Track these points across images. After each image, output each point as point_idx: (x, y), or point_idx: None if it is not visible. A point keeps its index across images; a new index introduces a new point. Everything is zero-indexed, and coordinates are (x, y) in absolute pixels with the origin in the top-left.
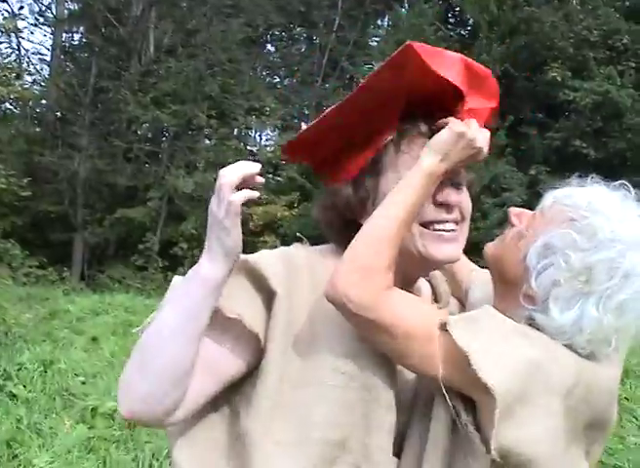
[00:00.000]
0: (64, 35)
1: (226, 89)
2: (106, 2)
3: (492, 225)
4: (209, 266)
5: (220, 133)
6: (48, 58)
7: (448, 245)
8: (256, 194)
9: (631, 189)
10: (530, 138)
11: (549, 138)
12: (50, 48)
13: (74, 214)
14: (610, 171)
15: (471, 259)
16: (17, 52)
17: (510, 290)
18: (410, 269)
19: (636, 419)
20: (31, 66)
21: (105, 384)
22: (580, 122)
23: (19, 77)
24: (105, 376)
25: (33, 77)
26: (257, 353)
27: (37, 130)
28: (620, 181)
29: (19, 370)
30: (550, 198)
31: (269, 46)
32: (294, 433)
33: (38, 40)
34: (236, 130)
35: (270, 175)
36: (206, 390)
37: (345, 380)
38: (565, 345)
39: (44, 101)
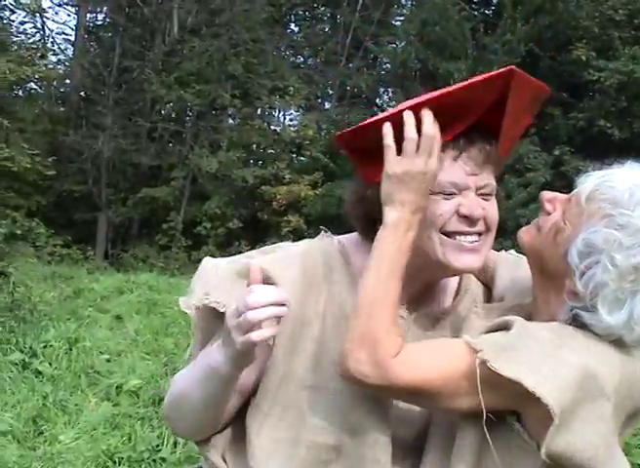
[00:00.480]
0: (88, 15)
1: (250, 68)
2: None
3: (515, 205)
4: (221, 363)
5: (244, 112)
6: (72, 38)
7: (468, 255)
8: (274, 333)
9: None
10: (554, 119)
11: (574, 119)
12: (74, 28)
13: (98, 194)
14: (634, 151)
15: (495, 238)
16: (41, 32)
17: (552, 282)
18: (431, 273)
19: None
20: (55, 46)
21: (130, 362)
22: (605, 102)
23: (43, 57)
24: (130, 355)
25: (57, 57)
26: (268, 357)
27: (61, 109)
28: None
29: (44, 347)
30: (588, 186)
31: (293, 25)
32: (290, 432)
33: (62, 20)
34: (260, 109)
35: (294, 155)
36: (236, 406)
37: (346, 386)
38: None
39: (68, 81)
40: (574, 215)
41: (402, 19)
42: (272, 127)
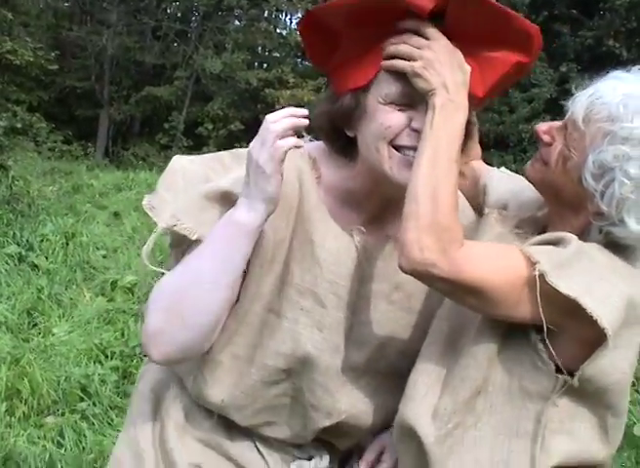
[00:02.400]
0: None
1: None
2: None
3: (519, 119)
4: (247, 215)
5: (251, 14)
6: None
7: None
8: (302, 143)
9: None
10: (562, 35)
11: (582, 36)
12: None
13: (100, 91)
14: None
15: (497, 153)
16: None
17: (572, 208)
18: (383, 189)
19: None
20: None
21: (126, 259)
22: (615, 21)
23: None
24: (126, 251)
25: None
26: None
27: (66, 4)
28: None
29: (41, 241)
30: (580, 108)
31: None
32: (248, 351)
33: None
34: (266, 12)
35: (299, 59)
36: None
37: (302, 315)
38: None
39: None
40: (576, 141)
41: None
42: (278, 30)
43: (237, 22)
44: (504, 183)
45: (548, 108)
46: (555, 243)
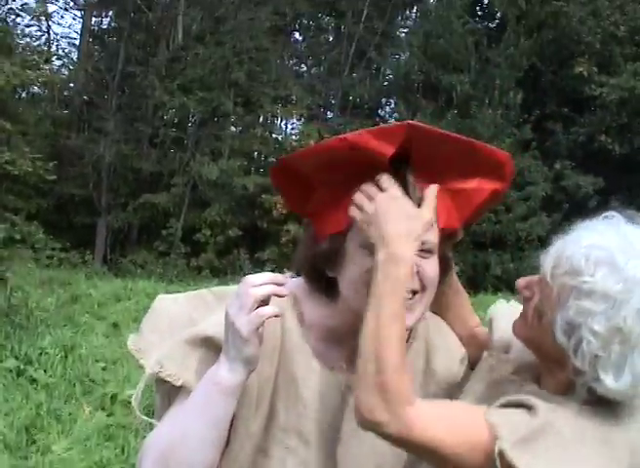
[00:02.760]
0: (94, 19)
1: (253, 77)
2: None
3: (516, 218)
4: (228, 376)
5: (246, 120)
6: (77, 42)
7: None
8: (280, 314)
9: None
10: (555, 133)
11: (574, 133)
12: (79, 32)
13: (98, 198)
14: (635, 166)
15: (494, 252)
16: (46, 35)
17: (558, 366)
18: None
19: None
20: (60, 50)
21: (126, 371)
22: (606, 117)
23: (47, 61)
24: (126, 363)
25: (62, 60)
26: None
27: (64, 113)
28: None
29: (40, 354)
30: (549, 263)
31: (297, 34)
32: None
33: (67, 24)
34: (262, 118)
35: None
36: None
37: (288, 454)
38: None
39: (72, 85)
40: (547, 296)
41: (406, 30)
42: (274, 135)
43: (233, 129)
44: (510, 319)
45: (544, 206)
46: (525, 407)
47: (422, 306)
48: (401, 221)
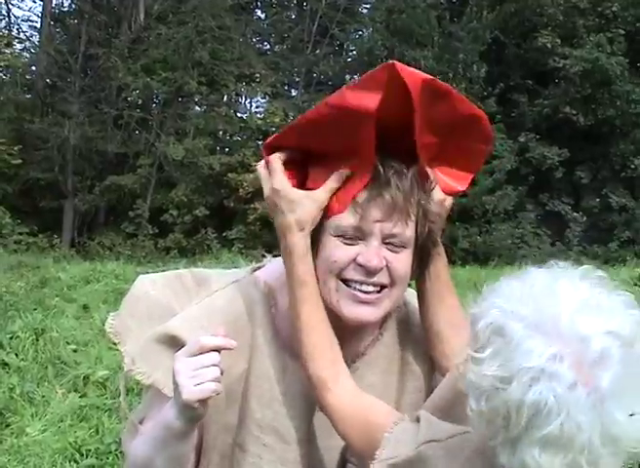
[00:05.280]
0: (54, 2)
1: (216, 56)
2: None
3: (482, 191)
4: (177, 423)
5: (210, 99)
6: (38, 26)
7: (362, 307)
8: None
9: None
10: (520, 106)
11: (539, 106)
12: (40, 15)
13: (64, 182)
14: (598, 137)
15: (462, 226)
16: (6, 19)
17: None
18: (332, 318)
19: None
20: (21, 33)
21: (97, 353)
22: (570, 89)
23: (9, 45)
24: (97, 345)
25: (23, 44)
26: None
27: (27, 97)
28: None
29: (11, 338)
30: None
31: (259, 12)
32: None
33: (28, 7)
34: (226, 97)
35: (260, 142)
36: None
37: (265, 451)
38: None
39: (34, 68)
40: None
41: (368, 6)
42: (239, 114)
43: (197, 108)
44: None
45: (510, 179)
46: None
47: (390, 301)
48: (287, 213)
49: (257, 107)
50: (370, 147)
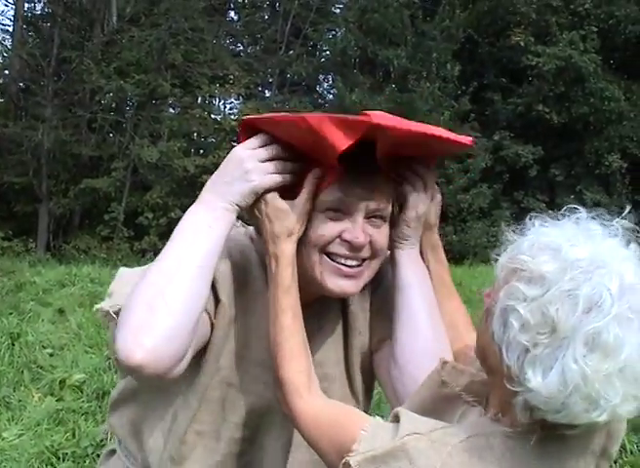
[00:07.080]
0: (26, 5)
1: (190, 57)
2: None
3: (456, 190)
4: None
5: (184, 101)
6: (10, 29)
7: (345, 280)
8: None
9: (583, 212)
10: (493, 104)
11: (513, 104)
12: (12, 18)
13: (39, 185)
14: (572, 135)
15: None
16: None
17: (497, 380)
18: (315, 289)
19: None
20: None
21: (73, 356)
22: (544, 87)
23: None
24: (72, 348)
25: None
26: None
27: (0, 101)
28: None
29: None
30: (500, 261)
31: (232, 13)
32: (213, 426)
33: (0, 10)
34: (200, 98)
35: (235, 144)
36: (194, 348)
37: (263, 389)
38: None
39: (7, 72)
40: (496, 290)
41: (341, 6)
42: (213, 116)
43: (171, 110)
44: None
45: (485, 177)
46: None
47: (369, 273)
48: (275, 221)
49: (231, 109)
50: (333, 162)
